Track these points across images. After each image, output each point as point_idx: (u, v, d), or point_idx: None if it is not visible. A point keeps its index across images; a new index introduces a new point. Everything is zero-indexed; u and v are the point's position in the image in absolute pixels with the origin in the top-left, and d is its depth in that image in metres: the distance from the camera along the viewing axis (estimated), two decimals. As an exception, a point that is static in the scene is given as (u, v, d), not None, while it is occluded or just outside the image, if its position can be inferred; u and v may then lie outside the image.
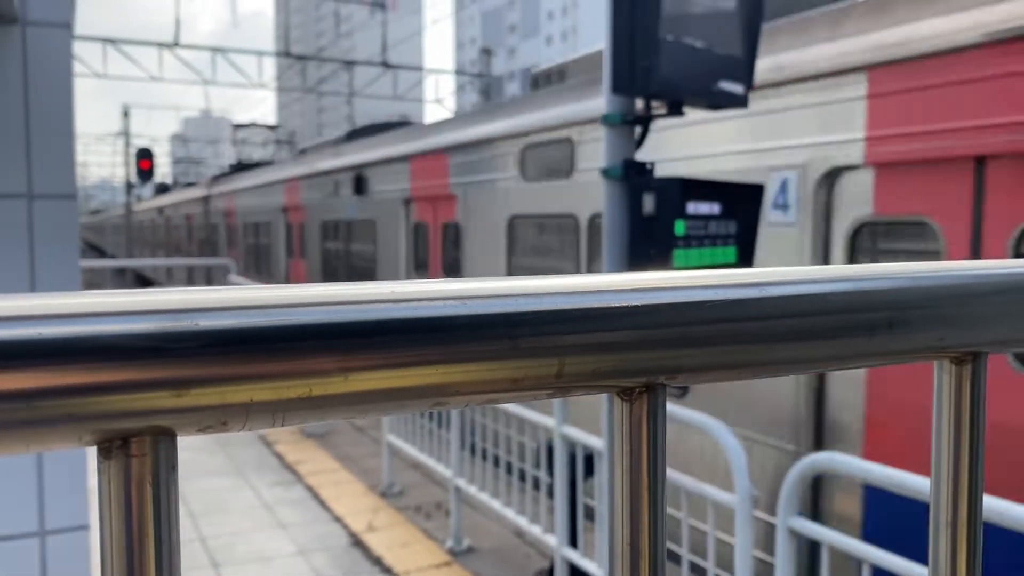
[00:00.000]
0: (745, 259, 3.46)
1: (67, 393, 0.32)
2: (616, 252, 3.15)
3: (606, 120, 3.24)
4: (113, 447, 0.34)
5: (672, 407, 3.63)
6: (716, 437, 3.23)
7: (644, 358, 0.41)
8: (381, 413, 0.38)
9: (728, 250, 3.39)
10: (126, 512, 0.34)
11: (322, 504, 6.26)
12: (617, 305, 0.41)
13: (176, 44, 25.68)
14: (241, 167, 24.24)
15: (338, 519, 5.93)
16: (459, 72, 38.27)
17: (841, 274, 0.47)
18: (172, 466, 0.35)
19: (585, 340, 0.40)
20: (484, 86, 31.89)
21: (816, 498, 4.38)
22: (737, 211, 3.39)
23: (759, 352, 0.44)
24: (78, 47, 24.72)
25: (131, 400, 0.33)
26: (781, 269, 0.46)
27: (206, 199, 20.46)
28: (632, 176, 3.15)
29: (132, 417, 0.33)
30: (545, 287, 0.40)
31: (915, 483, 2.60)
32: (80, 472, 3.82)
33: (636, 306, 0.41)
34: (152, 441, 0.34)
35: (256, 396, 0.34)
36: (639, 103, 3.22)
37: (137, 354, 0.32)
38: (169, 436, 0.34)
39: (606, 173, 3.23)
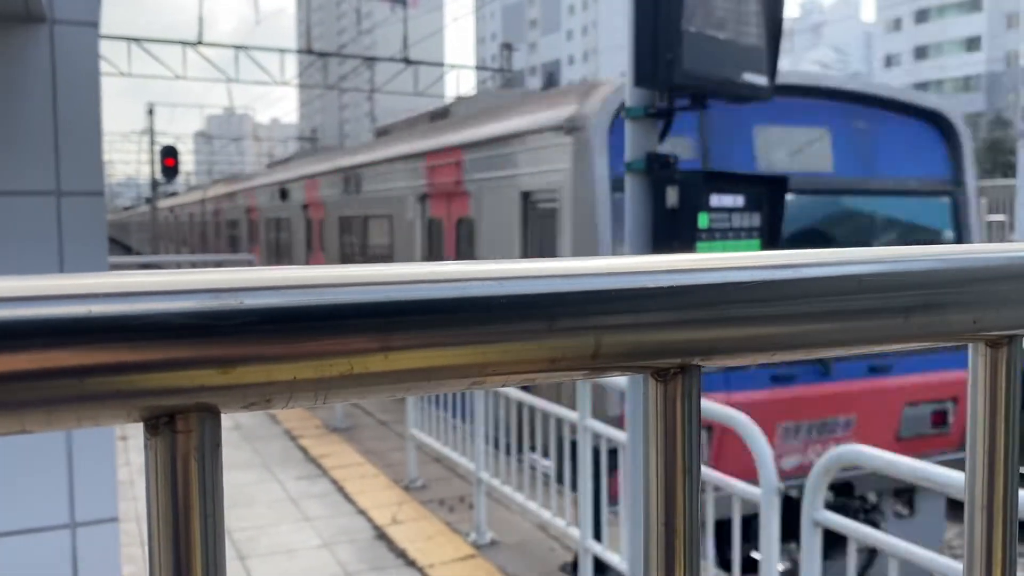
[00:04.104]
0: (770, 252, 3.45)
1: (116, 370, 0.32)
2: (638, 245, 3.14)
3: (629, 113, 3.23)
4: (160, 424, 0.34)
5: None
6: (740, 430, 3.21)
7: (680, 339, 0.42)
8: (420, 392, 0.38)
9: (752, 243, 3.37)
10: (172, 487, 0.35)
11: (347, 497, 6.30)
12: (654, 286, 0.41)
13: (199, 43, 25.85)
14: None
15: (362, 512, 5.96)
16: (480, 68, 38.25)
17: (876, 256, 0.47)
18: (217, 443, 0.35)
19: (621, 320, 0.40)
20: (505, 81, 31.87)
21: None
22: (761, 203, 3.37)
23: (794, 333, 0.44)
24: (104, 46, 24.93)
25: (177, 377, 0.33)
26: (816, 251, 0.46)
27: (231, 196, 20.82)
28: (655, 169, 3.14)
29: (178, 394, 0.34)
30: (582, 268, 0.40)
31: (941, 475, 2.58)
32: (109, 465, 3.88)
33: (672, 287, 0.41)
34: (198, 418, 0.34)
35: (299, 374, 0.35)
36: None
37: (184, 332, 0.33)
38: (214, 413, 0.35)
39: (629, 166, 3.22)
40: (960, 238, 6.85)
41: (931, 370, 6.27)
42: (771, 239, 3.44)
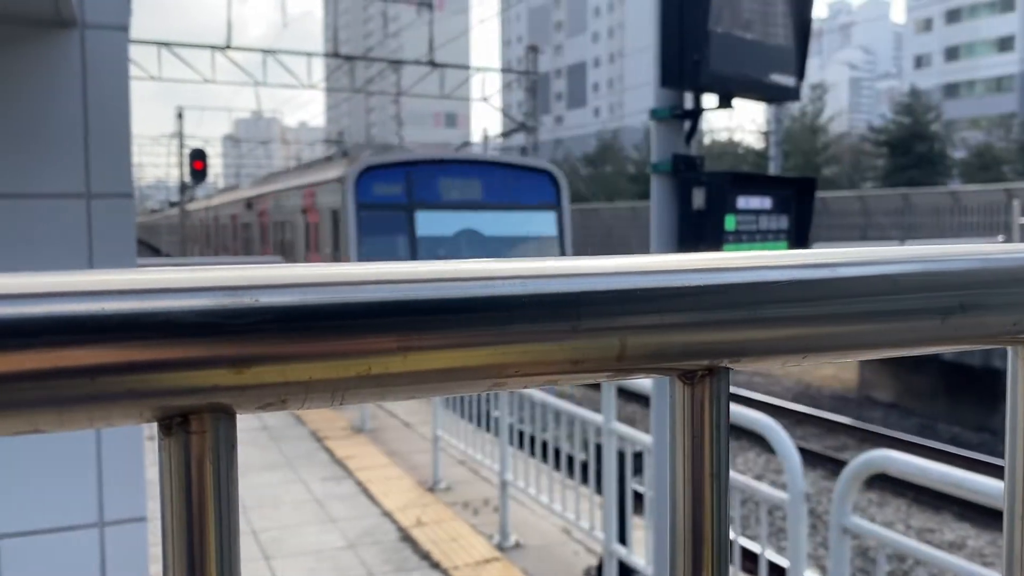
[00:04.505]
0: (797, 254, 3.41)
1: (129, 369, 0.32)
2: (664, 247, 3.12)
3: (654, 114, 3.21)
4: (173, 424, 0.34)
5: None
6: (767, 435, 3.18)
7: (708, 340, 0.40)
8: (440, 393, 0.37)
9: (779, 245, 3.34)
10: (186, 489, 0.34)
11: (371, 499, 6.31)
12: (681, 285, 0.40)
13: (228, 47, 26.10)
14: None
15: (387, 514, 5.97)
16: (505, 70, 38.26)
17: (914, 255, 0.46)
18: (232, 444, 0.35)
19: (648, 321, 0.39)
20: (530, 83, 31.88)
21: None
22: (789, 205, 3.34)
23: (828, 335, 0.43)
24: (134, 51, 25.30)
25: (191, 377, 0.32)
26: (851, 250, 0.45)
27: (225, 204, 25.39)
28: (681, 170, 3.11)
29: (192, 394, 0.33)
30: (607, 267, 0.39)
31: (976, 483, 2.54)
32: (138, 464, 3.90)
33: (701, 286, 0.40)
34: (212, 418, 0.34)
35: (315, 374, 0.34)
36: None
37: (198, 330, 0.32)
38: (228, 414, 0.34)
39: (655, 167, 3.20)
40: (561, 233, 12.72)
41: None
42: (799, 241, 3.41)
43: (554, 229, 12.70)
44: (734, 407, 3.53)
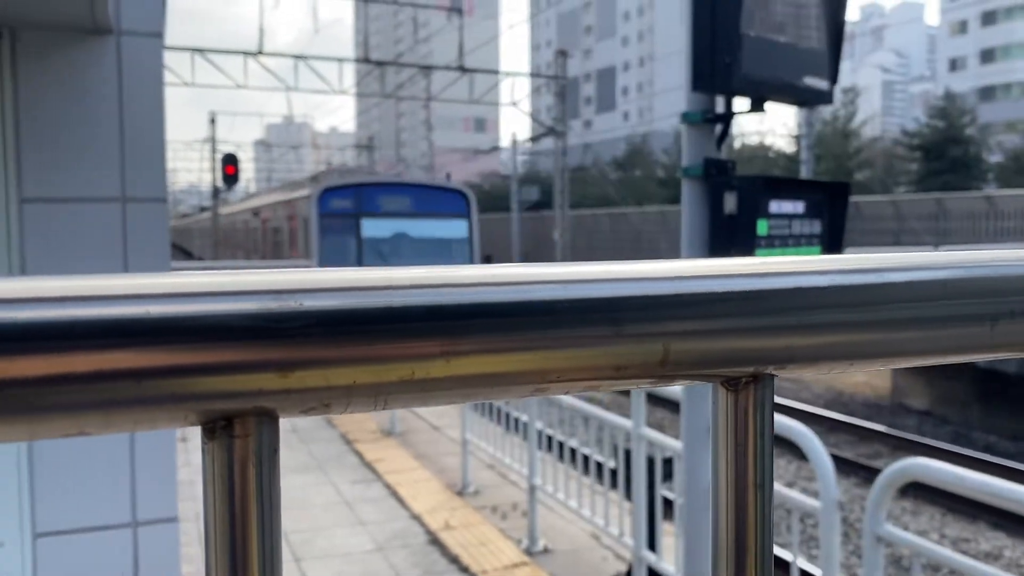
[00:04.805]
0: (831, 259, 3.37)
1: (174, 372, 0.32)
2: (695, 252, 3.10)
3: (686, 118, 3.19)
4: (217, 427, 0.34)
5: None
6: (800, 442, 3.14)
7: (753, 346, 0.40)
8: (482, 397, 0.37)
9: (812, 250, 3.30)
10: (229, 492, 0.34)
11: (400, 502, 6.33)
12: (727, 290, 0.39)
13: (260, 52, 26.37)
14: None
15: (416, 517, 5.99)
16: (534, 75, 38.26)
17: (962, 260, 0.45)
18: (274, 448, 0.34)
19: (692, 327, 0.38)
20: (559, 88, 31.87)
21: None
22: (822, 210, 3.30)
23: (876, 341, 0.42)
24: (168, 57, 25.67)
25: (235, 381, 0.32)
26: (899, 255, 0.44)
27: (242, 211, 29.21)
28: (713, 175, 3.09)
29: (236, 398, 0.33)
30: (650, 271, 0.39)
31: (1013, 491, 2.49)
32: (170, 466, 3.94)
33: (747, 291, 0.39)
34: (256, 422, 0.34)
35: (359, 378, 0.34)
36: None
37: (242, 334, 0.32)
38: (272, 418, 0.34)
39: (686, 172, 3.18)
40: (470, 236, 17.14)
41: None
42: (832, 246, 3.37)
43: (465, 232, 17.54)
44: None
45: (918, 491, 9.84)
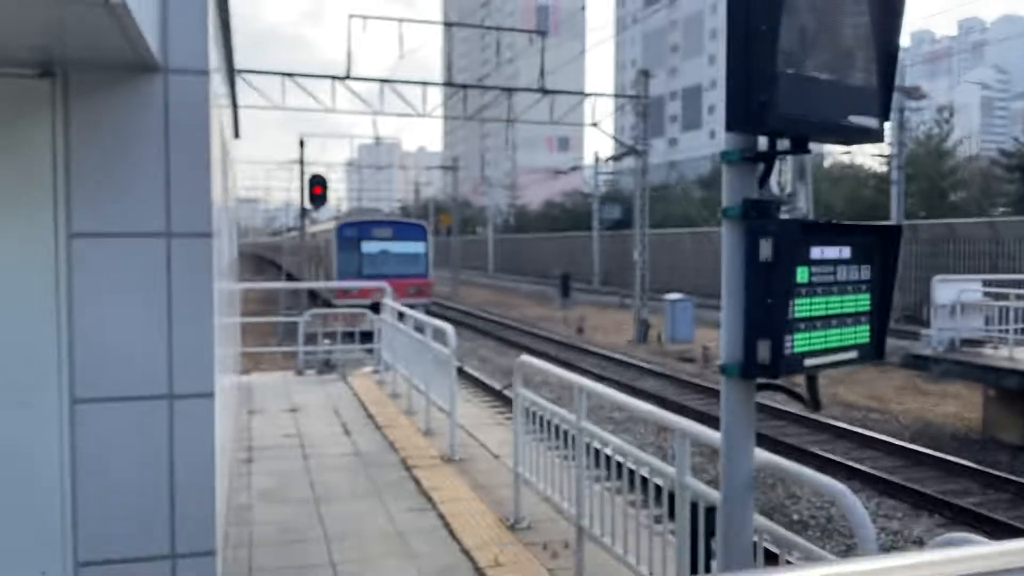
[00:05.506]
0: (882, 308, 3.16)
1: None
2: (733, 298, 2.96)
3: (724, 157, 3.05)
4: None
5: (781, 460, 3.36)
6: (838, 501, 2.94)
7: None
8: None
9: (861, 298, 3.11)
10: None
11: (452, 534, 6.27)
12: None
13: (347, 76, 26.98)
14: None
15: (466, 551, 5.91)
16: (617, 95, 38.06)
17: None
18: None
19: None
20: (642, 108, 31.65)
21: None
22: (871, 254, 3.11)
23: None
24: (260, 81, 26.71)
25: None
26: None
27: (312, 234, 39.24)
28: (752, 217, 2.94)
29: None
30: None
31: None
32: (209, 497, 3.96)
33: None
34: None
35: None
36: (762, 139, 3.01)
37: None
38: None
39: (725, 213, 3.05)
40: (426, 252, 32.48)
41: None
42: (884, 294, 3.17)
43: (423, 249, 32.30)
44: (794, 466, 3.30)
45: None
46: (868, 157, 41.94)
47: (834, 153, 49.07)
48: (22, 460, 3.71)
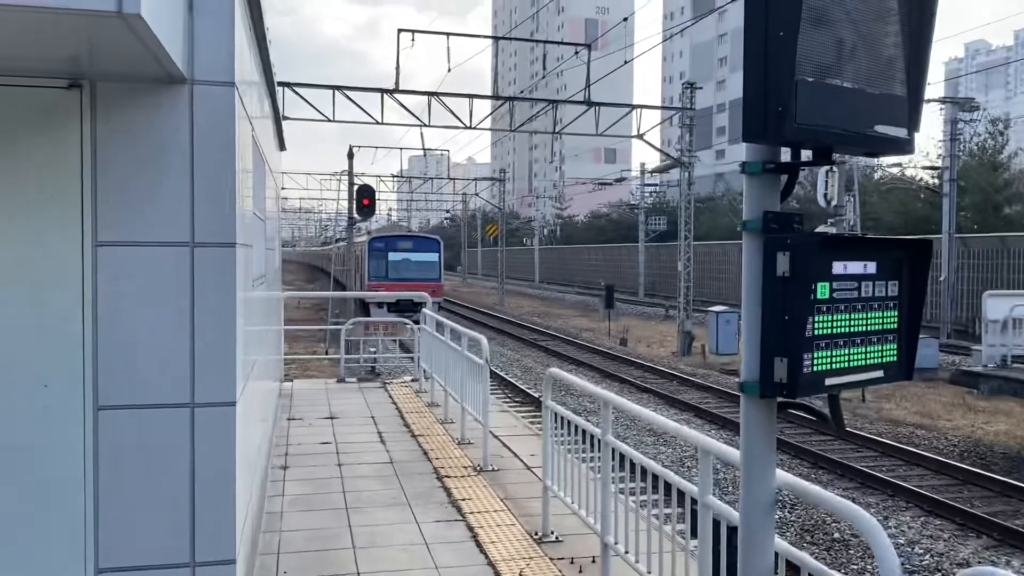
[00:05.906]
0: (911, 326, 3.05)
1: None
2: (751, 313, 2.87)
3: (745, 168, 2.98)
4: None
5: (801, 482, 3.25)
6: (862, 530, 2.83)
7: None
8: None
9: (889, 316, 3.00)
10: None
11: (479, 546, 6.22)
12: None
13: (396, 90, 27.20)
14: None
15: (491, 564, 5.86)
16: (663, 107, 37.82)
17: None
18: None
19: None
20: (687, 120, 31.43)
21: None
22: (899, 269, 3.01)
23: None
24: (311, 94, 27.10)
25: None
26: None
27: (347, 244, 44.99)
28: (773, 230, 2.86)
29: None
30: None
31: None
32: (228, 506, 3.96)
33: None
34: None
35: None
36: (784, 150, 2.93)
37: None
38: None
39: (744, 226, 2.96)
40: (440, 260, 39.80)
41: None
42: (912, 311, 3.06)
43: (437, 259, 39.13)
44: (820, 492, 3.20)
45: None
46: (920, 169, 41.05)
47: (884, 165, 48.12)
48: (45, 465, 3.75)
